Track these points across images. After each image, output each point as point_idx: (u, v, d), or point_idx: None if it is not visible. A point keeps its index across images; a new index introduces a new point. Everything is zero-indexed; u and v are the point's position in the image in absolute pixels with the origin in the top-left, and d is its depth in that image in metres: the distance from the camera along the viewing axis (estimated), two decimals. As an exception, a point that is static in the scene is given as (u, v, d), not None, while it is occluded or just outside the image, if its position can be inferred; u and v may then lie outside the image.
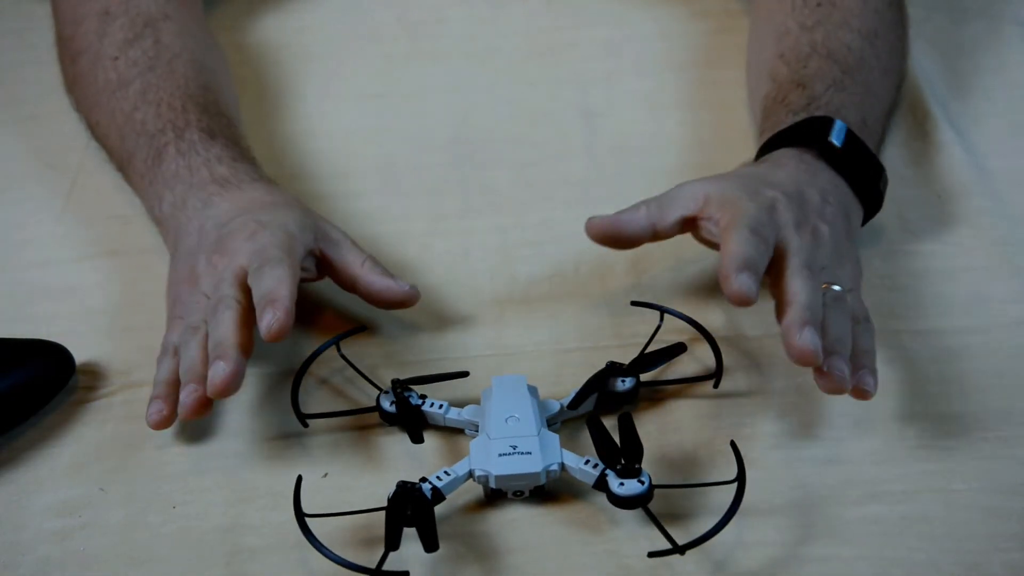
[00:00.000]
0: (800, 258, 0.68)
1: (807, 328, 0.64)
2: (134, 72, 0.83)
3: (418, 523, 0.60)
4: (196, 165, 0.77)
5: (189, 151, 0.77)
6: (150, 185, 0.78)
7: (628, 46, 0.99)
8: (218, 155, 0.77)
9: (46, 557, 0.64)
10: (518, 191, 0.87)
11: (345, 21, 1.03)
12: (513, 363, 0.74)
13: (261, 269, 0.68)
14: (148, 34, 0.85)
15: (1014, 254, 0.79)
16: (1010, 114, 0.90)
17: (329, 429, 0.70)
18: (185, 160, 0.77)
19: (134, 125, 0.81)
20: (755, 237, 0.67)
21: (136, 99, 0.81)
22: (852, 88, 0.79)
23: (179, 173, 0.76)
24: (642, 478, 0.62)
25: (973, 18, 0.99)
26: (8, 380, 0.70)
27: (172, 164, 0.77)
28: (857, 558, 0.62)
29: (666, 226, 0.73)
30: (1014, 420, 0.68)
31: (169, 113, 0.80)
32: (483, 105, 0.94)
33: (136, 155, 0.80)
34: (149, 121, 0.80)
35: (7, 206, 0.87)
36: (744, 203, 0.70)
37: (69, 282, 0.81)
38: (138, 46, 0.84)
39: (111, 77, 0.83)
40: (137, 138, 0.80)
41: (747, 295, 0.65)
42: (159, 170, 0.78)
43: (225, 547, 0.64)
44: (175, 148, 0.78)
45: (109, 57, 0.84)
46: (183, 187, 0.76)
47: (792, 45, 0.83)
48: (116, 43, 0.84)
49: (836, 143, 0.75)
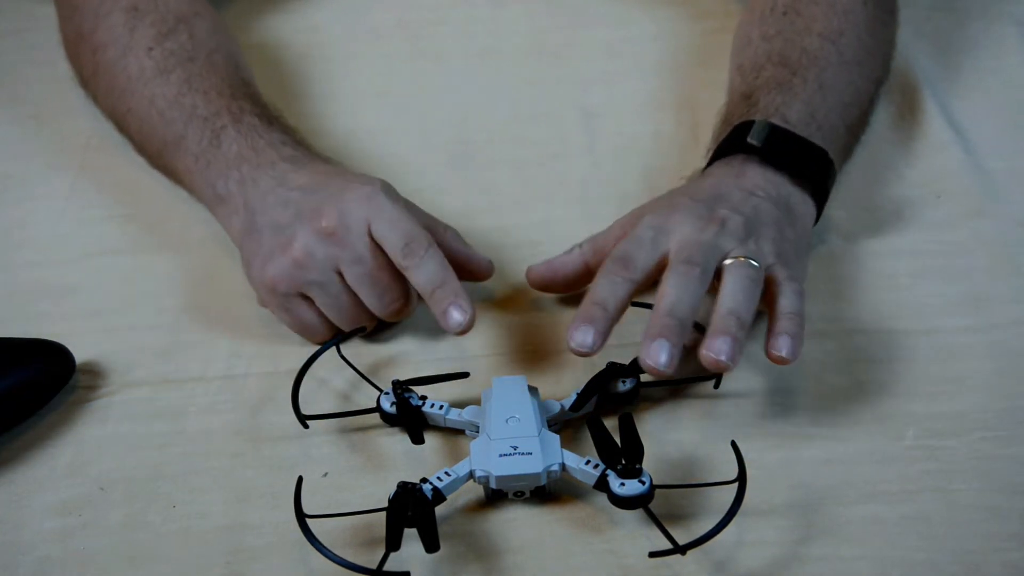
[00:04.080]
0: (680, 257, 0.68)
1: (655, 342, 0.64)
2: (173, 61, 0.82)
3: (419, 524, 0.60)
4: (260, 147, 0.76)
5: (250, 133, 0.77)
6: (208, 166, 0.77)
7: (628, 46, 0.99)
8: (280, 138, 0.77)
9: (46, 557, 0.64)
10: (518, 191, 0.87)
11: (346, 22, 1.03)
12: (513, 363, 0.74)
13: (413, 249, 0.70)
14: (182, 29, 0.85)
15: (1014, 254, 0.79)
16: (1010, 114, 0.90)
17: (329, 430, 0.70)
18: (248, 141, 0.77)
19: (183, 108, 0.80)
20: (615, 267, 0.68)
21: (181, 86, 0.81)
22: (799, 87, 0.79)
23: (243, 154, 0.76)
24: (643, 478, 0.62)
25: (973, 18, 0.99)
26: (8, 380, 0.70)
27: (234, 145, 0.77)
28: (857, 558, 0.62)
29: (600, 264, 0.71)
30: (1014, 420, 0.68)
31: (220, 100, 0.80)
32: (483, 105, 0.94)
33: (188, 137, 0.79)
34: (200, 105, 0.79)
35: (7, 206, 0.87)
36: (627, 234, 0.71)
37: (69, 282, 0.81)
38: (173, 39, 0.84)
39: (147, 65, 0.83)
40: (188, 120, 0.79)
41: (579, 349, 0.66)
42: (218, 151, 0.77)
43: (225, 547, 0.64)
44: (234, 131, 0.77)
45: (143, 48, 0.83)
46: (250, 167, 0.75)
47: (751, 56, 0.83)
48: (149, 36, 0.84)
49: (755, 142, 0.75)
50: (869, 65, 0.85)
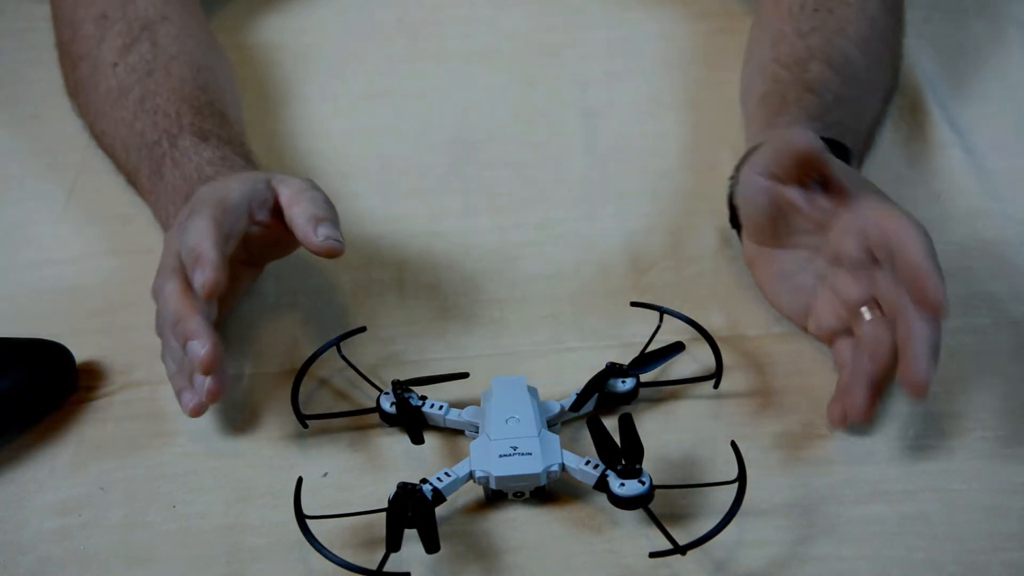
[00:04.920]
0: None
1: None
2: (133, 79, 0.83)
3: (419, 524, 0.60)
4: (188, 172, 0.76)
5: (182, 159, 0.77)
6: (157, 200, 0.78)
7: (628, 46, 0.99)
8: (208, 158, 0.77)
9: (46, 556, 0.64)
10: (518, 191, 0.87)
11: (346, 22, 1.03)
12: (513, 363, 0.74)
13: (183, 225, 0.68)
14: (145, 38, 0.85)
15: (1014, 254, 0.79)
16: (1010, 114, 0.90)
17: (329, 430, 0.70)
18: (180, 171, 0.77)
19: (135, 137, 0.81)
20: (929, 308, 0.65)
21: (135, 108, 0.81)
22: (850, 104, 0.79)
23: (177, 186, 0.76)
24: (643, 478, 0.62)
25: (973, 19, 0.99)
26: (8, 380, 0.70)
27: (170, 176, 0.77)
28: (857, 558, 0.62)
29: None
30: (1014, 420, 0.68)
31: (164, 121, 0.80)
32: (483, 105, 0.94)
33: (141, 170, 0.80)
34: (147, 132, 0.80)
35: (7, 206, 0.87)
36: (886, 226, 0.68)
37: (69, 282, 0.81)
38: (136, 51, 0.84)
39: (112, 85, 0.83)
40: (139, 151, 0.80)
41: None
42: (161, 185, 0.78)
43: (225, 547, 0.64)
44: (171, 159, 0.78)
45: (109, 64, 0.84)
46: (181, 200, 0.75)
47: (788, 50, 0.82)
48: (115, 49, 0.84)
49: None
50: (885, 86, 0.86)
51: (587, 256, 0.80)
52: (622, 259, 0.80)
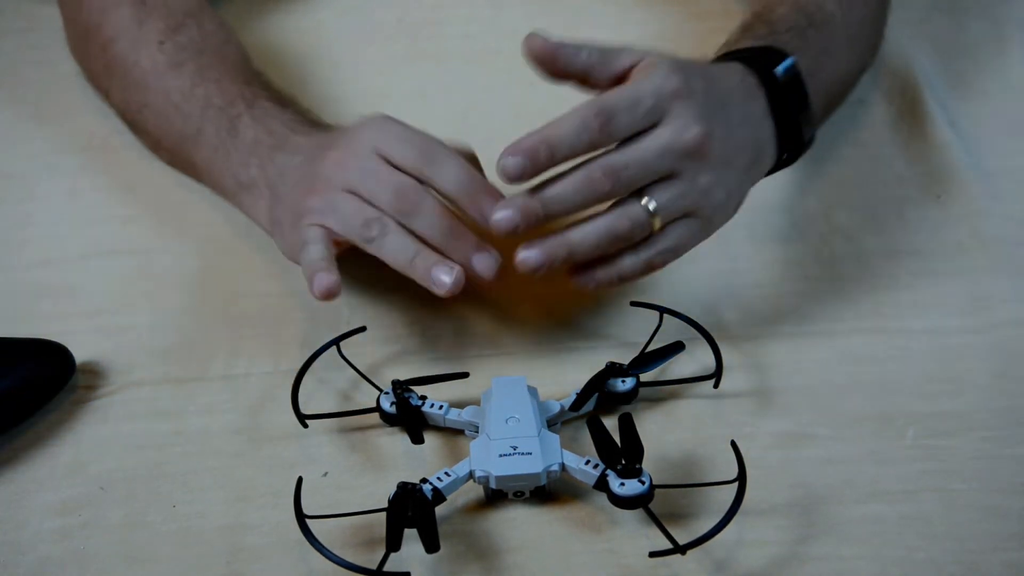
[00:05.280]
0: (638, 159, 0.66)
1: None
2: (185, 55, 0.82)
3: (419, 524, 0.60)
4: (275, 128, 0.76)
5: (264, 117, 0.77)
6: (227, 156, 0.78)
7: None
8: (294, 118, 0.77)
9: (46, 556, 0.64)
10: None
11: (346, 22, 1.03)
12: (513, 363, 0.74)
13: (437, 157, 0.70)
14: (191, 23, 0.85)
15: (1014, 254, 0.79)
16: (1010, 114, 0.90)
17: (329, 429, 0.70)
18: (263, 126, 0.77)
19: (198, 100, 0.80)
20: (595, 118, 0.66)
21: (194, 77, 0.81)
22: (812, 40, 0.78)
23: (259, 138, 0.76)
24: (643, 478, 0.62)
25: (973, 18, 0.99)
26: (8, 380, 0.70)
27: (250, 132, 0.77)
28: (857, 557, 0.62)
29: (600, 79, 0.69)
30: (1014, 420, 0.69)
31: (233, 87, 0.80)
32: (483, 105, 0.94)
33: (205, 129, 0.79)
34: (215, 95, 0.80)
35: (7, 206, 0.87)
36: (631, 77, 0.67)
37: (69, 282, 0.81)
38: (184, 33, 0.84)
39: (159, 59, 0.83)
40: (204, 112, 0.80)
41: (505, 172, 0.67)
42: (236, 140, 0.77)
43: (225, 546, 0.64)
44: (249, 116, 0.78)
45: (154, 42, 0.83)
46: (266, 151, 0.75)
47: (767, 2, 0.82)
48: (159, 30, 0.84)
49: (778, 74, 0.72)
50: (863, 46, 0.86)
51: (587, 256, 0.80)
52: (622, 259, 0.80)
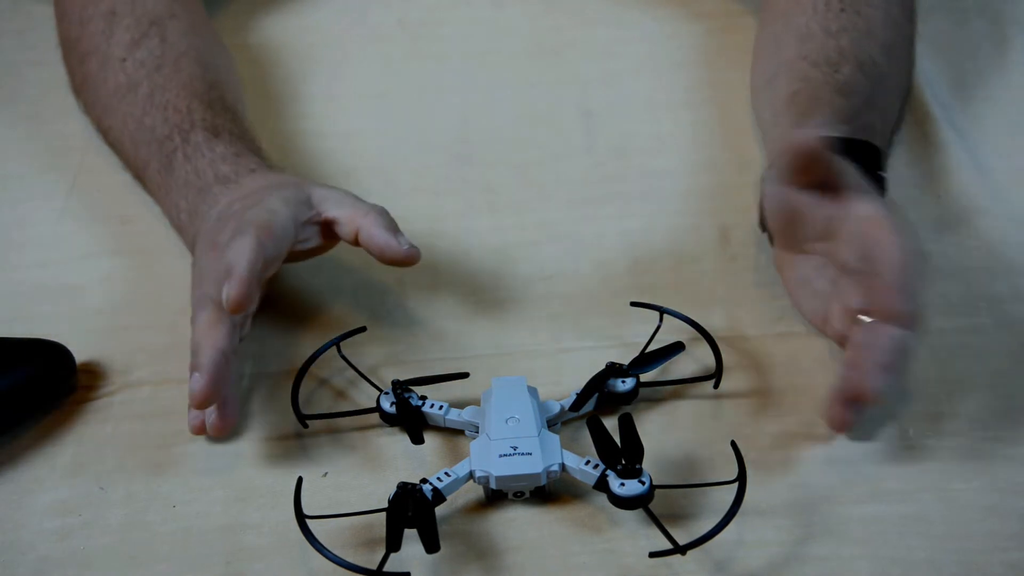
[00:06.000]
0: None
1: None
2: (141, 74, 0.83)
3: (419, 524, 0.60)
4: (202, 168, 0.77)
5: (195, 154, 0.77)
6: (166, 195, 0.79)
7: (628, 46, 0.99)
8: (222, 154, 0.77)
9: (46, 556, 0.64)
10: (518, 191, 0.87)
11: (346, 22, 1.03)
12: (513, 363, 0.74)
13: (227, 245, 0.68)
14: (154, 33, 0.85)
15: (1014, 254, 0.79)
16: (1010, 114, 0.90)
17: (329, 429, 0.70)
18: (192, 164, 0.77)
19: (144, 132, 0.81)
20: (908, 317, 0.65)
21: (144, 103, 0.81)
22: (878, 108, 0.79)
23: (188, 180, 0.77)
24: (643, 478, 0.62)
25: (974, 19, 0.99)
26: (8, 380, 0.70)
27: (182, 171, 0.77)
28: (857, 557, 0.62)
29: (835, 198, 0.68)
30: (1014, 420, 0.68)
31: (175, 116, 0.80)
32: (483, 105, 0.94)
33: (150, 164, 0.80)
34: (158, 127, 0.80)
35: (7, 206, 0.87)
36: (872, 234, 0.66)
37: (69, 282, 0.81)
38: (145, 46, 0.84)
39: (120, 80, 0.83)
40: (148, 146, 0.80)
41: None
42: (171, 179, 0.78)
43: (225, 547, 0.64)
44: (182, 153, 0.78)
45: (117, 59, 0.84)
46: (194, 194, 0.76)
47: (818, 49, 0.81)
48: (123, 44, 0.84)
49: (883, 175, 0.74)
50: (905, 82, 0.86)
51: (587, 256, 0.80)
52: (622, 259, 0.80)
